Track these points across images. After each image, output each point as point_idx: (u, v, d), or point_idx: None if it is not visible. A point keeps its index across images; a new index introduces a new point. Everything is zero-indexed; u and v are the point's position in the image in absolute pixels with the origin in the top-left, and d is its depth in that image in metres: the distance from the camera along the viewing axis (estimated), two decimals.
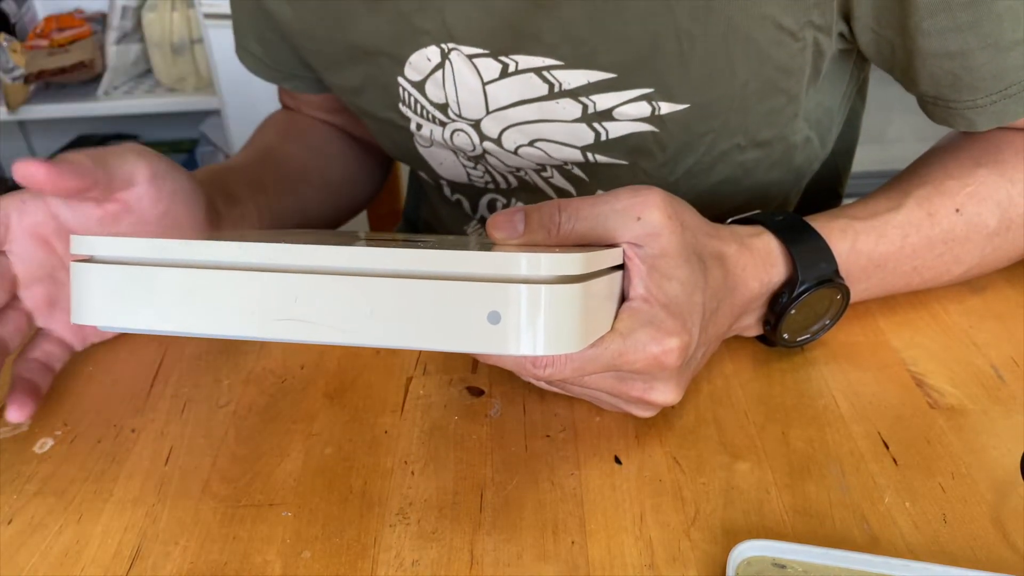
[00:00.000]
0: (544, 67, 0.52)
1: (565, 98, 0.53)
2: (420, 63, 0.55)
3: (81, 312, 0.33)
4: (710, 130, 0.53)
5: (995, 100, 0.47)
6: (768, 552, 0.35)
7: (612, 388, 0.39)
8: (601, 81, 0.51)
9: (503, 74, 0.53)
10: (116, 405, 0.47)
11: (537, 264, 0.29)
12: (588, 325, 0.32)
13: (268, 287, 0.30)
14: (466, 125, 0.57)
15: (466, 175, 0.64)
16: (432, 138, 0.60)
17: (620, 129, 0.53)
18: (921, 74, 0.48)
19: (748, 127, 0.53)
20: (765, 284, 0.44)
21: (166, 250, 0.32)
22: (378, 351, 0.50)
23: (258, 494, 0.41)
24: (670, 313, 0.36)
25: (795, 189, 0.62)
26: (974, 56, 0.45)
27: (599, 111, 0.53)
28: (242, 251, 0.31)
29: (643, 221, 0.37)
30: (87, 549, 0.38)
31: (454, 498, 0.40)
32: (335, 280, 0.30)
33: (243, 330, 0.31)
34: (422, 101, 0.57)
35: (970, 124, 0.49)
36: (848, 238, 0.47)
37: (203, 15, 1.62)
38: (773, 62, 0.49)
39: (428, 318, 0.29)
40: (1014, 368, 0.46)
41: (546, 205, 0.37)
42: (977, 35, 0.44)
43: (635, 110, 0.52)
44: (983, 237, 0.49)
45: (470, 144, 0.59)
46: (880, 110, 1.04)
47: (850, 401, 0.45)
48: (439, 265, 0.30)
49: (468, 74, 0.54)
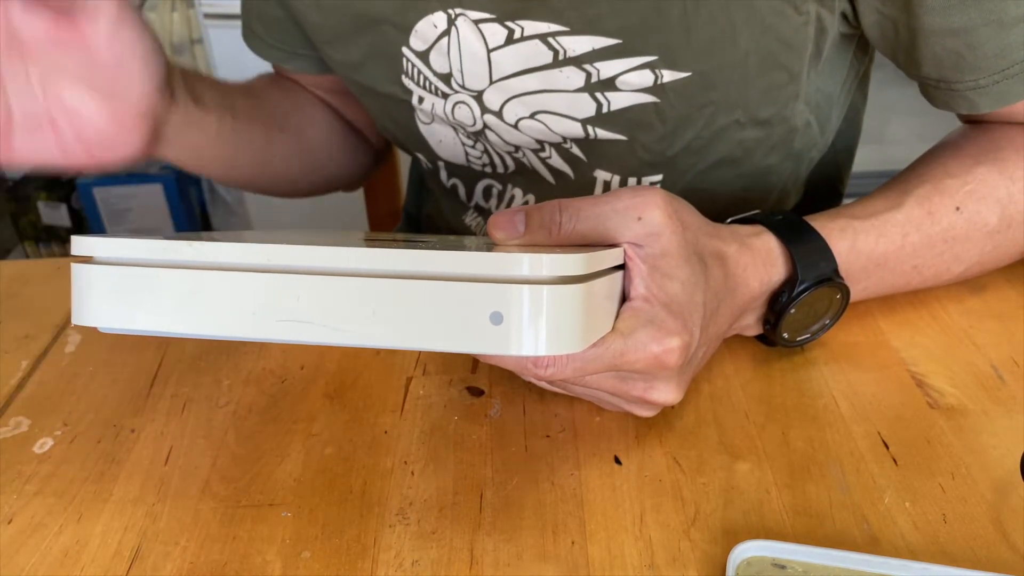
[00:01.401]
0: (550, 32, 0.52)
1: (569, 66, 0.53)
2: (426, 30, 0.55)
3: (81, 313, 0.33)
4: (710, 102, 0.53)
5: (997, 80, 0.47)
6: (768, 552, 0.35)
7: (613, 388, 0.39)
8: (606, 47, 0.51)
9: (508, 40, 0.53)
10: (116, 405, 0.47)
11: (539, 265, 0.29)
12: (590, 325, 0.32)
13: (269, 288, 0.30)
14: (468, 96, 0.57)
15: (464, 155, 0.64)
16: (433, 112, 0.60)
17: (622, 100, 0.54)
18: (924, 54, 0.48)
19: (748, 102, 0.54)
20: (765, 284, 0.44)
21: (167, 251, 0.32)
22: (378, 351, 0.50)
23: (258, 494, 0.41)
24: (671, 313, 0.36)
25: (794, 179, 0.62)
26: (977, 32, 0.46)
27: (602, 79, 0.53)
28: (243, 252, 0.31)
29: (644, 221, 0.37)
30: (87, 549, 0.38)
31: (454, 498, 0.40)
32: (337, 281, 0.30)
33: (244, 331, 0.31)
34: (425, 72, 0.58)
35: (972, 106, 0.49)
36: (848, 237, 0.47)
37: (203, 15, 1.63)
38: (775, 32, 0.50)
39: (430, 319, 0.29)
40: (1014, 368, 0.46)
41: (546, 205, 0.37)
42: (980, 10, 0.45)
43: (638, 79, 0.52)
44: (983, 235, 0.49)
45: (471, 117, 0.59)
46: (880, 110, 1.04)
47: (850, 401, 0.45)
48: (441, 266, 0.30)
49: (474, 40, 0.54)
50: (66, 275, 0.61)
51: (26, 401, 0.48)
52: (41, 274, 0.62)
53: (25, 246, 1.95)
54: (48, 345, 0.53)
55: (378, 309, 0.30)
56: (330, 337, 0.30)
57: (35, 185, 1.88)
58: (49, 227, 1.91)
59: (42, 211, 1.89)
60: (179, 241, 0.32)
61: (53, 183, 1.88)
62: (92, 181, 1.83)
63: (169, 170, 1.83)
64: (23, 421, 0.46)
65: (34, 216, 1.89)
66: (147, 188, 1.84)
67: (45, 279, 0.61)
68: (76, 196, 1.87)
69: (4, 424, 0.46)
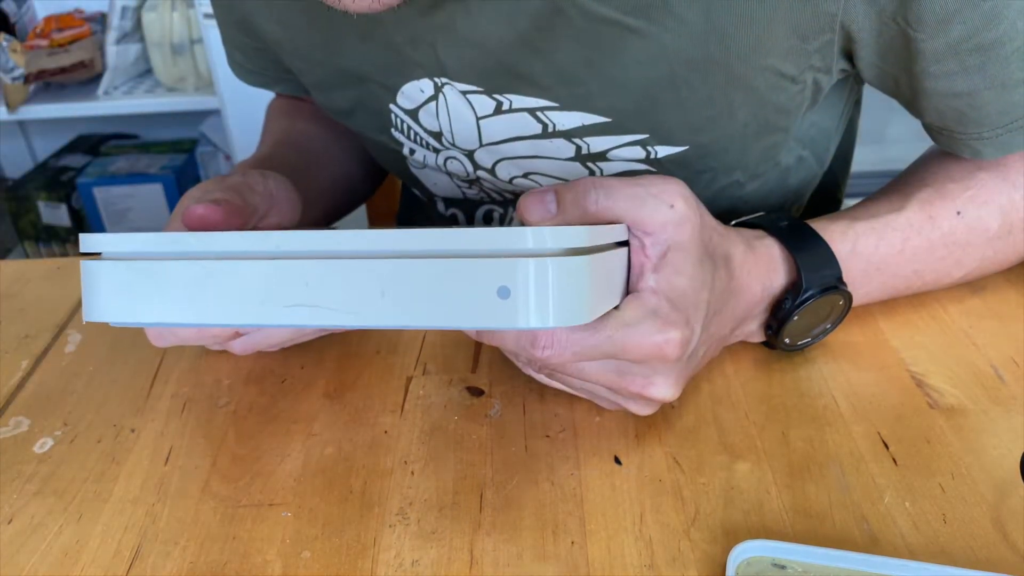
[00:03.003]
0: (538, 108, 0.51)
1: (559, 138, 0.52)
2: (413, 93, 0.54)
3: (93, 310, 0.33)
4: (708, 168, 0.53)
5: (1000, 133, 0.47)
6: (768, 552, 0.35)
7: (612, 382, 0.39)
8: (596, 124, 0.51)
9: (497, 111, 0.52)
10: (116, 405, 0.47)
11: (543, 238, 0.30)
12: (596, 297, 0.33)
13: (278, 275, 0.30)
14: (459, 154, 0.57)
15: (461, 193, 0.64)
16: (425, 163, 0.60)
17: (615, 168, 0.53)
18: (927, 109, 0.48)
19: (747, 164, 0.53)
20: (767, 289, 0.44)
21: (173, 243, 0.32)
22: (378, 350, 0.50)
23: (258, 494, 0.41)
24: (675, 307, 0.37)
25: (796, 205, 0.62)
26: (980, 95, 0.45)
27: (593, 152, 0.53)
28: (251, 240, 0.31)
29: (675, 209, 0.37)
30: (87, 549, 0.38)
31: (454, 498, 0.40)
32: (345, 264, 0.30)
33: (255, 318, 0.31)
34: (415, 128, 0.57)
35: (976, 153, 0.48)
36: (849, 240, 0.47)
37: (203, 15, 1.62)
38: (773, 105, 0.49)
39: (439, 297, 0.30)
40: (1014, 368, 0.46)
41: (578, 183, 0.37)
42: (984, 76, 0.44)
43: (630, 153, 0.52)
44: (984, 240, 0.49)
45: (464, 171, 0.59)
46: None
47: (850, 401, 0.45)
48: (447, 244, 0.30)
49: (462, 108, 0.53)
50: (66, 275, 0.61)
51: (26, 401, 0.48)
52: (41, 274, 0.62)
53: (25, 246, 1.95)
54: (48, 345, 0.53)
55: (387, 290, 0.30)
56: (341, 320, 0.30)
57: (35, 185, 1.88)
58: (49, 227, 1.91)
59: (42, 211, 1.89)
60: (185, 233, 0.32)
61: (53, 183, 1.88)
62: (92, 181, 1.83)
63: (169, 170, 1.83)
64: (23, 421, 0.46)
65: (34, 216, 1.89)
66: (147, 188, 1.84)
67: (45, 279, 0.61)
68: (76, 196, 1.87)
69: (4, 424, 0.46)
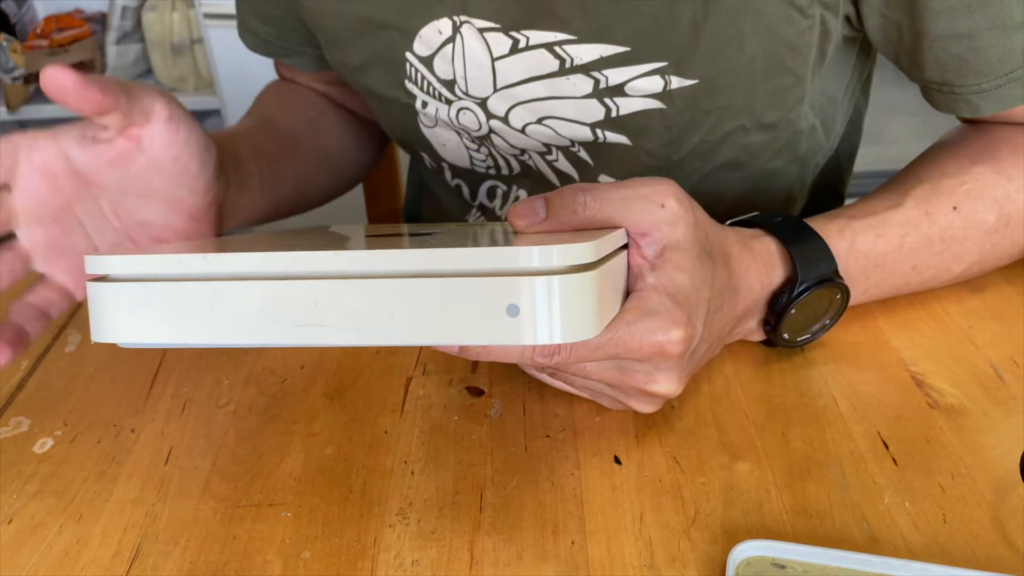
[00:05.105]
0: (556, 42, 0.52)
1: (576, 73, 0.53)
2: (431, 36, 0.55)
3: (100, 331, 0.33)
4: (715, 107, 0.53)
5: (1000, 84, 0.47)
6: (768, 552, 0.35)
7: (614, 380, 0.39)
8: (615, 55, 0.51)
9: (513, 50, 0.53)
10: (116, 405, 0.47)
11: (549, 256, 0.30)
12: (602, 309, 0.33)
13: (286, 295, 0.31)
14: (472, 103, 0.57)
15: (468, 158, 0.64)
16: (437, 117, 0.60)
17: (631, 105, 0.54)
18: (927, 58, 0.49)
19: (754, 107, 0.54)
20: (766, 286, 0.44)
21: (181, 265, 0.32)
22: (378, 351, 0.50)
23: (258, 494, 0.41)
24: (677, 304, 0.37)
25: (800, 183, 0.62)
26: (981, 37, 0.46)
27: (611, 86, 0.53)
28: (258, 261, 0.31)
29: (666, 208, 0.37)
30: (87, 549, 0.38)
31: (454, 498, 0.40)
32: (355, 284, 0.30)
33: (263, 338, 0.31)
34: (429, 77, 0.57)
35: (974, 109, 0.49)
36: (846, 238, 0.47)
37: (203, 15, 1.62)
38: (781, 38, 0.50)
39: (448, 315, 0.30)
40: (1014, 368, 0.46)
41: (566, 189, 0.37)
42: (985, 15, 0.45)
43: (647, 84, 0.52)
44: (982, 234, 0.49)
45: (476, 123, 0.59)
46: (880, 110, 1.04)
47: (850, 401, 0.45)
48: (456, 263, 0.30)
49: (478, 48, 0.54)
50: None
51: (26, 401, 0.48)
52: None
53: None
54: (48, 345, 0.53)
55: (396, 309, 0.30)
56: (350, 339, 0.30)
57: None
58: None
59: None
60: (193, 254, 0.32)
61: None
62: None
63: None
64: (23, 421, 0.46)
65: None
66: None
67: None
68: None
69: (4, 424, 0.46)
